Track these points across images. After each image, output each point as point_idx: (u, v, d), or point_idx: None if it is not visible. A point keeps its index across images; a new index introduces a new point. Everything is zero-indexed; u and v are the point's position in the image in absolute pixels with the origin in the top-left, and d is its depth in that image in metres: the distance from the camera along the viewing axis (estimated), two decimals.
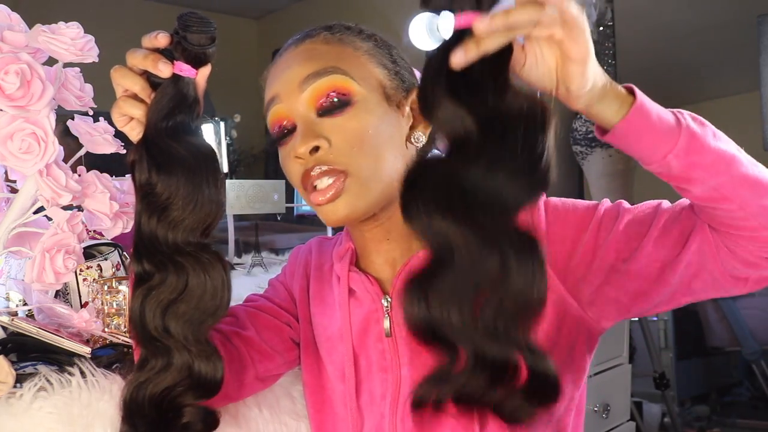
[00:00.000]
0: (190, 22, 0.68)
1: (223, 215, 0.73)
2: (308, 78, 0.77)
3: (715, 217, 0.65)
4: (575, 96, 0.61)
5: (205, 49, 0.69)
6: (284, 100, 0.78)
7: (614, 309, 0.75)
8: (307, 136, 0.76)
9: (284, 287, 0.94)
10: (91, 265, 1.05)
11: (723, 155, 0.63)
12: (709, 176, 0.63)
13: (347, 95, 0.77)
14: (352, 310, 0.83)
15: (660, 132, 0.62)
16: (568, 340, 0.76)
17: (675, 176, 0.64)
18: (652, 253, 0.69)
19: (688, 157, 0.62)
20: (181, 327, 0.71)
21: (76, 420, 0.78)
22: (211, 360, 0.72)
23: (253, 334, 0.85)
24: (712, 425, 3.30)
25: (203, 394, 0.73)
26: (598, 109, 0.63)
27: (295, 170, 0.79)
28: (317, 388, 0.87)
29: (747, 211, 0.63)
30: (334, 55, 0.79)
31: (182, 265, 0.70)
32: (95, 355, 0.86)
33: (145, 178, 0.70)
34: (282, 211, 1.87)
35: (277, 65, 0.82)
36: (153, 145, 0.70)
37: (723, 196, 0.63)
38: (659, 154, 0.63)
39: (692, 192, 0.65)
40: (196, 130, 0.72)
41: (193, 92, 0.71)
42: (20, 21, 0.79)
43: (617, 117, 0.62)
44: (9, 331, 0.90)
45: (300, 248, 0.97)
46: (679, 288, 0.70)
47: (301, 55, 0.80)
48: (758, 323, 3.24)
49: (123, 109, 0.71)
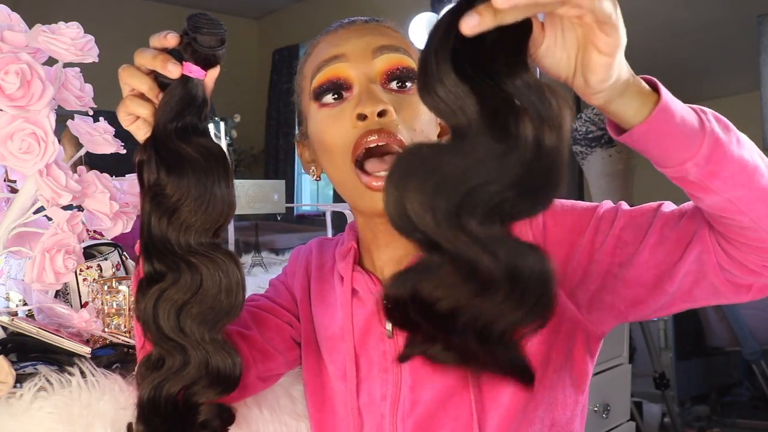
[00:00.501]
0: (200, 24, 0.68)
1: (233, 215, 0.72)
2: (383, 48, 0.76)
3: (722, 226, 0.62)
4: (594, 90, 0.54)
5: (215, 51, 0.69)
6: (351, 60, 0.76)
7: (611, 315, 0.73)
8: (376, 98, 0.74)
9: (285, 287, 0.94)
10: (91, 265, 1.05)
11: (745, 166, 0.58)
12: (728, 188, 0.58)
13: (414, 79, 0.76)
14: (354, 310, 0.82)
15: (683, 137, 0.57)
16: (566, 343, 0.75)
17: (690, 183, 0.59)
18: (648, 260, 0.67)
19: (708, 166, 0.57)
20: (197, 327, 0.71)
21: (76, 420, 0.78)
22: (230, 355, 0.73)
23: (256, 334, 0.85)
24: (712, 425, 3.30)
25: (222, 390, 0.73)
26: (618, 105, 0.56)
27: (344, 133, 0.75)
28: (318, 387, 0.86)
29: (759, 225, 0.59)
30: (403, 42, 0.80)
31: (196, 265, 0.70)
32: (95, 355, 0.86)
33: (155, 179, 0.69)
34: (282, 211, 1.88)
35: (344, 31, 0.80)
36: (162, 146, 0.69)
37: (738, 209, 0.59)
38: (678, 159, 0.57)
39: (705, 201, 0.60)
40: (205, 130, 0.72)
41: (201, 93, 0.71)
42: (20, 21, 0.79)
43: (639, 117, 0.56)
44: (9, 331, 0.90)
45: (300, 248, 0.96)
46: (679, 296, 0.68)
47: (374, 30, 0.79)
48: (758, 323, 3.24)
49: (129, 108, 0.70)
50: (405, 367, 0.78)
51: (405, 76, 0.76)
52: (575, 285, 0.73)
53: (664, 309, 0.70)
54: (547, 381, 0.75)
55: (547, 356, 0.75)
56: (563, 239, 0.73)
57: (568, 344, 0.76)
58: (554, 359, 0.75)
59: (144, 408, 0.73)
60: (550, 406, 0.76)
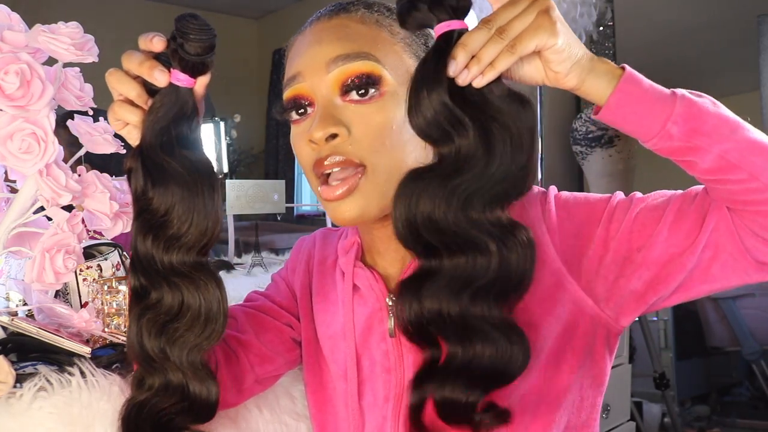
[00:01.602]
0: (187, 29, 0.64)
1: (220, 232, 0.71)
2: (337, 59, 0.72)
3: (729, 193, 0.63)
4: (563, 75, 0.62)
5: (204, 59, 0.66)
6: (307, 79, 0.74)
7: (631, 301, 0.71)
8: (326, 121, 0.71)
9: (286, 283, 0.93)
10: (91, 265, 1.05)
11: (726, 120, 0.62)
12: (714, 142, 0.61)
13: (377, 84, 0.72)
14: (355, 307, 0.81)
15: (654, 100, 0.62)
16: (585, 341, 0.74)
17: (678, 148, 0.62)
18: (668, 238, 0.67)
19: (688, 123, 0.61)
20: (177, 349, 0.69)
21: (76, 420, 0.77)
22: (205, 383, 0.71)
23: (252, 338, 0.84)
24: (712, 425, 3.30)
25: (198, 417, 0.72)
26: (590, 84, 0.63)
27: (306, 153, 0.75)
28: (319, 386, 0.86)
29: (761, 181, 0.61)
30: (369, 39, 0.73)
31: (178, 286, 0.69)
32: (95, 355, 0.86)
33: (141, 189, 0.68)
34: (282, 211, 1.87)
35: (305, 37, 0.77)
36: (147, 159, 0.68)
37: (731, 165, 0.61)
38: (657, 124, 0.62)
39: (699, 164, 0.63)
40: (195, 141, 0.69)
41: (191, 101, 0.68)
42: (20, 21, 0.79)
43: (609, 89, 0.62)
44: (9, 331, 0.90)
45: (304, 239, 0.95)
46: (698, 274, 0.67)
47: (332, 32, 0.74)
48: (758, 323, 3.24)
49: (118, 115, 0.69)
50: (408, 367, 0.77)
51: (364, 83, 0.72)
52: (592, 277, 0.72)
53: (684, 290, 0.69)
54: (564, 381, 0.73)
55: (560, 355, 0.73)
56: (577, 231, 0.72)
57: (588, 342, 0.74)
58: (570, 359, 0.73)
59: (125, 427, 0.72)
60: (567, 409, 0.74)
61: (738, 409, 3.52)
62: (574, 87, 0.63)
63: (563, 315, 0.72)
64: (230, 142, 3.13)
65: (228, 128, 2.98)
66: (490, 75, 0.61)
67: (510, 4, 0.60)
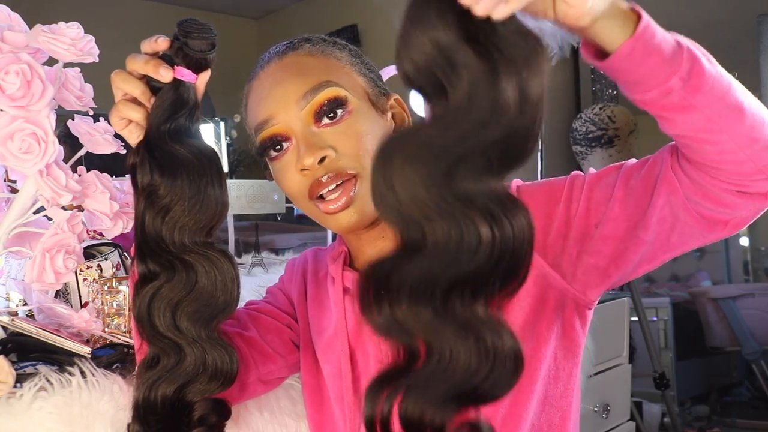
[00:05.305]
0: (190, 29, 0.69)
1: (227, 215, 0.74)
2: (306, 95, 0.77)
3: (697, 152, 0.60)
4: (578, 12, 0.53)
5: (206, 55, 0.71)
6: (281, 120, 0.78)
7: (596, 276, 0.73)
8: (312, 148, 0.76)
9: (283, 293, 0.95)
10: (91, 265, 1.05)
11: (721, 79, 0.58)
12: (709, 102, 0.57)
13: (344, 105, 0.78)
14: (347, 306, 0.84)
15: (667, 52, 0.56)
16: (556, 313, 0.76)
17: (671, 104, 0.57)
18: (619, 215, 0.68)
19: (691, 80, 0.56)
20: (193, 324, 0.72)
21: (76, 420, 0.78)
22: (226, 351, 0.74)
23: (255, 335, 0.86)
24: (712, 425, 3.30)
25: (221, 384, 0.74)
26: (603, 25, 0.55)
27: (297, 182, 0.78)
28: (316, 388, 0.87)
29: (737, 142, 0.58)
30: (323, 68, 0.79)
31: (191, 263, 0.72)
32: (95, 355, 0.86)
33: (148, 181, 0.70)
34: (282, 211, 1.88)
35: (262, 81, 0.81)
36: (156, 148, 0.71)
37: (717, 127, 0.58)
38: (663, 77, 0.56)
39: (683, 124, 0.59)
40: (197, 133, 0.73)
41: (193, 96, 0.72)
42: (20, 21, 0.79)
43: (623, 35, 0.55)
44: (9, 331, 0.90)
45: (295, 259, 0.98)
46: (659, 245, 0.68)
47: (290, 70, 0.79)
48: (758, 323, 3.24)
49: (122, 113, 0.72)
50: None
51: (333, 107, 0.77)
52: (557, 254, 0.73)
53: (647, 262, 0.71)
54: (538, 353, 0.76)
55: (534, 328, 0.75)
56: (540, 212, 0.72)
57: (558, 314, 0.76)
58: (543, 332, 0.76)
59: (140, 408, 0.73)
60: (544, 380, 0.77)
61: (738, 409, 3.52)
62: (585, 26, 0.55)
63: (532, 289, 0.74)
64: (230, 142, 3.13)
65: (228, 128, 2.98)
66: (515, 3, 0.50)
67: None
